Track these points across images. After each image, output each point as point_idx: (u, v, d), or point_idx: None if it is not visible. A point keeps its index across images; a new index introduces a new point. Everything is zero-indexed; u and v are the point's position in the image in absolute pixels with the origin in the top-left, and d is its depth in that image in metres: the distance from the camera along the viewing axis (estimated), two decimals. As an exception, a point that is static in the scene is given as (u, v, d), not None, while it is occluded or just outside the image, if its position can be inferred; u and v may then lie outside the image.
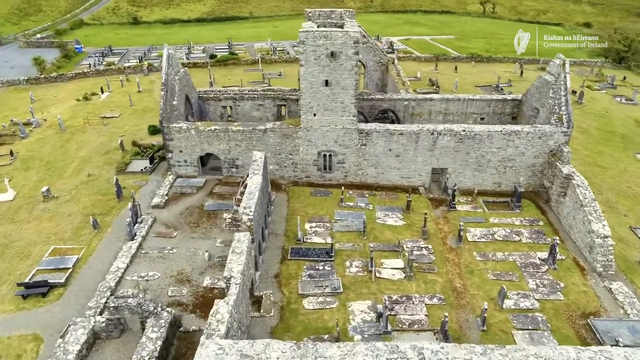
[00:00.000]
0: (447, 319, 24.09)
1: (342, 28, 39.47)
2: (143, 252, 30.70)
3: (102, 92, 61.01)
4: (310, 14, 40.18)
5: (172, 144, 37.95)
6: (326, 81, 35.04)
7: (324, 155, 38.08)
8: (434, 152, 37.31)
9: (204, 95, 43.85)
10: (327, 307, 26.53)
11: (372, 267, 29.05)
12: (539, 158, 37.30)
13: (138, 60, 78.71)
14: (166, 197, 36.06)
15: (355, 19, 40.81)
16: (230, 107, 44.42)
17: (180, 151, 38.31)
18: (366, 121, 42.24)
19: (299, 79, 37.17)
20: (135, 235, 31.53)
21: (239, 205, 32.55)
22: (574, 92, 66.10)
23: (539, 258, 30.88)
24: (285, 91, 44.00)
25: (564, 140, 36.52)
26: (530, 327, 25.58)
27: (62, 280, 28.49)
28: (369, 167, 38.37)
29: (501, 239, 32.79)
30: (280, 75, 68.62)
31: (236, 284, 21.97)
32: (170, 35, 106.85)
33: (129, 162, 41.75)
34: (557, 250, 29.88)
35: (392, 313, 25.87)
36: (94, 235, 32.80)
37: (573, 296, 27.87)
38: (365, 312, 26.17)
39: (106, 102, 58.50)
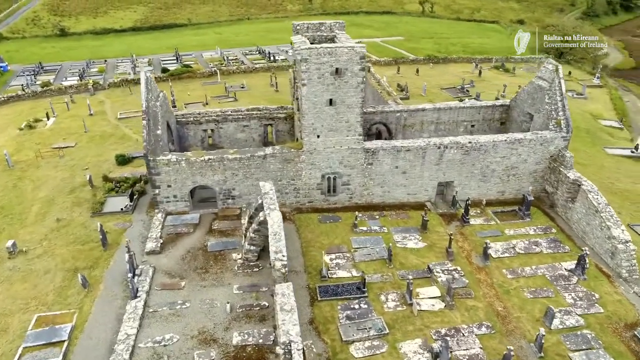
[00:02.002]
0: (512, 352, 22.76)
1: (333, 40, 37.50)
2: (151, 310, 26.71)
3: (48, 117, 54.20)
4: (298, 27, 37.49)
5: (160, 178, 33.79)
6: (330, 100, 32.65)
7: (328, 178, 35.71)
8: (441, 166, 36.19)
9: (183, 119, 39.75)
10: (378, 352, 24.33)
11: (410, 300, 27.21)
12: (540, 164, 37.35)
13: (78, 78, 71.36)
14: (161, 240, 31.98)
15: (345, 30, 38.77)
16: (212, 130, 40.66)
17: (169, 186, 34.24)
18: (360, 136, 40.29)
19: (297, 99, 34.47)
20: (137, 291, 27.40)
21: (252, 245, 29.59)
22: (532, 89, 68.50)
23: (566, 269, 30.63)
24: (272, 109, 41.02)
25: (563, 145, 36.79)
26: (584, 347, 24.94)
27: (60, 358, 24.00)
28: (375, 187, 36.52)
29: (522, 252, 32.24)
30: (243, 87, 64.99)
31: (298, 349, 19.18)
32: (105, 47, 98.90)
33: (104, 200, 36.82)
34: (587, 261, 29.68)
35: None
36: (84, 295, 28.19)
37: (611, 307, 27.71)
38: (419, 353, 24.28)
39: (55, 129, 52.01)
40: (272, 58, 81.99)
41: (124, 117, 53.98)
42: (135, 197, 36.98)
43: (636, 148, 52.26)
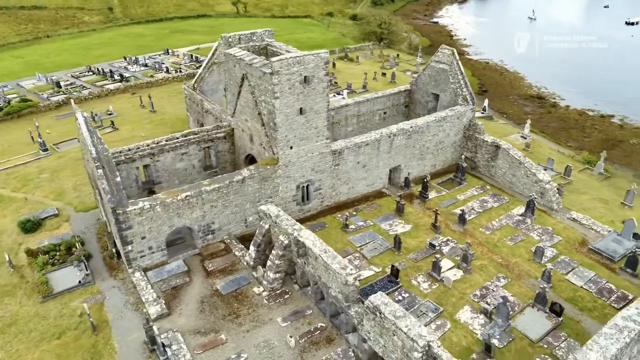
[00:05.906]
0: (547, 289, 27.32)
1: (266, 49, 36.97)
2: (210, 378, 23.33)
3: None
4: (229, 39, 35.55)
5: (132, 232, 28.63)
6: (301, 109, 32.28)
7: (302, 187, 35.34)
8: (391, 153, 39.19)
9: (114, 160, 33.75)
10: (446, 328, 26.24)
11: (439, 276, 29.72)
12: (458, 135, 43.50)
13: None
14: (162, 301, 27.48)
15: (274, 38, 38.22)
16: (145, 166, 35.64)
17: (143, 237, 29.30)
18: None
19: (260, 114, 32.91)
20: (182, 363, 23.47)
21: (278, 272, 28.20)
22: (383, 74, 77.02)
23: (517, 214, 37.07)
24: (209, 130, 37.89)
25: (471, 115, 43.53)
26: (569, 269, 31.19)
27: None
28: (342, 186, 37.59)
29: (482, 210, 37.67)
30: (111, 114, 57.01)
31: (439, 346, 19.82)
32: None
33: (46, 279, 29.37)
34: (535, 204, 36.49)
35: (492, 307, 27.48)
36: (109, 394, 22.87)
37: (563, 234, 34.88)
38: (475, 318, 27.04)
39: None
40: (115, 77, 73.20)
41: (-19, 175, 42.55)
42: (83, 263, 30.50)
43: (484, 109, 64.13)
